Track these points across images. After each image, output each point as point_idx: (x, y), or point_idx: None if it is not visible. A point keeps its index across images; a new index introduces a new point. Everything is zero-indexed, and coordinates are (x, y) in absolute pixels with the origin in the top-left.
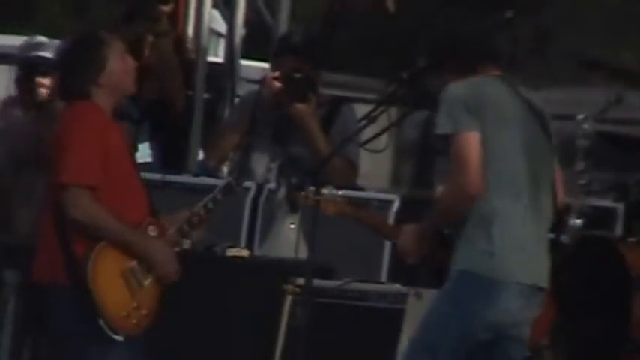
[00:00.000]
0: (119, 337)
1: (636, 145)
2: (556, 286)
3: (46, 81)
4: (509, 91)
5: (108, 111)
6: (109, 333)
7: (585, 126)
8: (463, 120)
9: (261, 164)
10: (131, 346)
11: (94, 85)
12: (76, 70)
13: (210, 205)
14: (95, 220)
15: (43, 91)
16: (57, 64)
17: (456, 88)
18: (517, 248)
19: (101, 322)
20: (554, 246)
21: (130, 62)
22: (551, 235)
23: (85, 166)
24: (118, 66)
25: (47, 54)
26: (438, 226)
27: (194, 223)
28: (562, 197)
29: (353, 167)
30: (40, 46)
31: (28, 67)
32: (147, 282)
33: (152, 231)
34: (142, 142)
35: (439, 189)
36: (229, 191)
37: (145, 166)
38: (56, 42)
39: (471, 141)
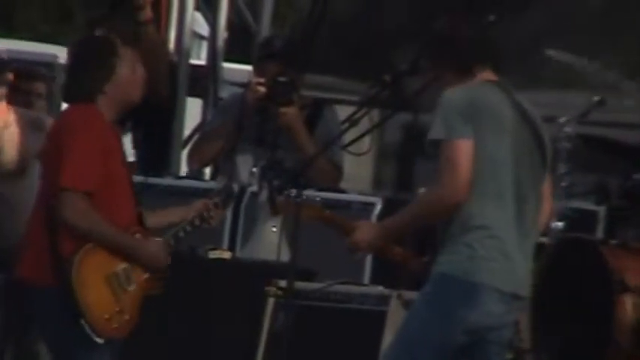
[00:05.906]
0: (100, 340)
1: (618, 147)
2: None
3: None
4: (506, 98)
5: (110, 117)
6: (90, 334)
7: (567, 128)
8: (457, 127)
9: (245, 167)
10: (112, 349)
11: (99, 92)
12: (85, 75)
13: (196, 222)
14: (90, 225)
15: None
16: (67, 65)
17: (453, 94)
18: (500, 256)
19: (83, 322)
20: (536, 249)
21: (140, 73)
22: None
23: (85, 172)
24: (127, 76)
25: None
26: (411, 226)
27: (180, 238)
28: (549, 208)
29: (338, 169)
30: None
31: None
32: (131, 288)
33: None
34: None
35: (422, 190)
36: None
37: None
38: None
39: (464, 148)
